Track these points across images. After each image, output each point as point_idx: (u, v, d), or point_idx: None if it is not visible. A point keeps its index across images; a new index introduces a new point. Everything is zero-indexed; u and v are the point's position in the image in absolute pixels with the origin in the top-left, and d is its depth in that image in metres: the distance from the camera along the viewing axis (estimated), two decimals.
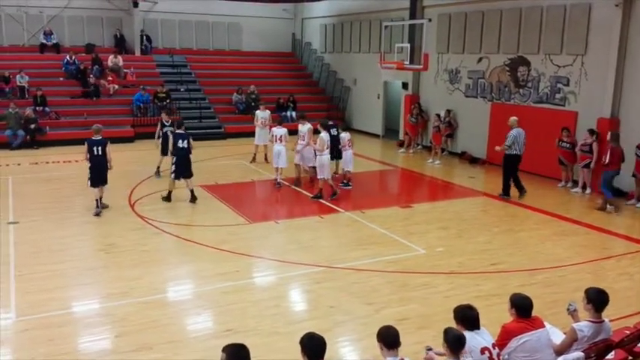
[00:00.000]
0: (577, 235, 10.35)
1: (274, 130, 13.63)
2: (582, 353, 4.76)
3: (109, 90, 20.96)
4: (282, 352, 5.91)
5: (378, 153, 18.98)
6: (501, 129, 13.20)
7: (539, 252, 9.36)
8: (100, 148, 10.84)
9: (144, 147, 16.64)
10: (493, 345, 4.52)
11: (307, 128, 13.11)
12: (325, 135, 12.31)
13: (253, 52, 25.75)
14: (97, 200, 10.96)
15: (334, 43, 24.24)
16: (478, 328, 4.56)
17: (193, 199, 11.80)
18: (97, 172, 10.90)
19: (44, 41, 22.03)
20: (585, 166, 12.93)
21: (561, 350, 4.88)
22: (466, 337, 4.32)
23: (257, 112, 16.45)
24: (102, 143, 10.88)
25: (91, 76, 20.80)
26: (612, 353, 5.00)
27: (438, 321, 6.37)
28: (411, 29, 17.64)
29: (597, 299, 4.98)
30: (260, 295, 7.65)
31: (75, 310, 7.06)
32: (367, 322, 6.58)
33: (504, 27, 15.96)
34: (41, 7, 22.23)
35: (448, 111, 17.81)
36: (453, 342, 4.22)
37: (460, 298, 6.71)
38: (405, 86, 19.79)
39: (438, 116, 17.37)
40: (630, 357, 5.15)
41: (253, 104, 20.75)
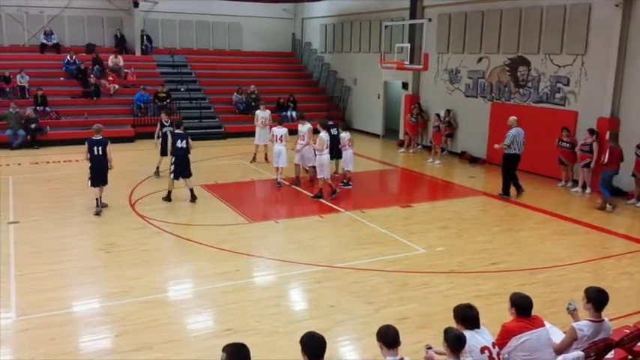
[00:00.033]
0: (577, 235, 10.36)
1: (274, 130, 13.64)
2: (582, 352, 4.76)
3: (110, 90, 20.98)
4: (282, 352, 5.92)
5: (378, 153, 18.98)
6: (501, 129, 13.20)
7: (539, 251, 9.37)
8: (101, 148, 10.86)
9: (144, 147, 16.65)
10: (493, 344, 4.53)
11: (307, 128, 13.12)
12: (325, 135, 12.32)
13: (253, 52, 25.77)
14: (97, 200, 10.99)
15: (334, 43, 24.25)
16: (478, 328, 4.57)
17: (193, 199, 11.82)
18: (97, 172, 10.92)
19: (45, 41, 22.05)
20: (585, 166, 12.93)
21: (561, 349, 4.89)
22: (466, 337, 4.32)
23: (257, 112, 16.46)
24: (102, 143, 10.90)
25: (92, 76, 20.81)
26: (612, 352, 5.00)
27: (438, 320, 6.39)
28: (411, 29, 17.66)
29: (597, 298, 4.99)
30: (260, 295, 7.66)
31: (75, 310, 7.07)
32: (367, 322, 6.58)
33: (504, 27, 15.96)
34: (41, 7, 22.25)
35: (448, 111, 17.82)
36: (454, 341, 4.23)
37: (460, 298, 6.72)
38: (405, 86, 19.80)
39: (438, 116, 17.38)
40: (630, 356, 5.15)
41: (253, 104, 20.76)
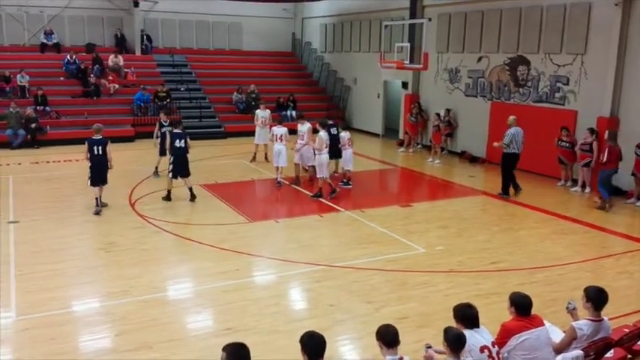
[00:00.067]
0: (576, 234, 10.37)
1: (274, 130, 13.64)
2: (581, 352, 4.76)
3: (110, 89, 20.97)
4: (282, 351, 5.92)
5: (378, 152, 18.98)
6: (501, 128, 13.20)
7: (538, 251, 9.37)
8: (100, 148, 10.88)
9: (144, 146, 16.64)
10: (493, 343, 4.52)
11: (306, 128, 13.11)
12: (324, 134, 12.32)
13: (253, 52, 25.77)
14: (97, 199, 11.00)
15: (334, 43, 24.25)
16: (478, 327, 4.57)
17: (192, 198, 11.83)
18: (97, 172, 10.94)
19: (45, 41, 22.04)
20: (585, 165, 12.93)
21: (561, 349, 4.89)
22: (466, 336, 4.33)
23: (257, 112, 16.47)
24: (102, 143, 10.91)
25: (92, 76, 20.81)
26: (611, 352, 5.00)
27: (438, 319, 6.41)
28: (411, 29, 17.67)
29: (597, 298, 4.99)
30: (260, 294, 7.66)
31: (75, 309, 7.07)
32: (367, 321, 6.58)
33: (504, 26, 15.96)
34: (42, 7, 22.25)
35: (448, 110, 17.81)
36: (454, 341, 4.23)
37: (460, 297, 6.71)
38: (405, 85, 19.79)
39: (438, 115, 17.37)
40: (629, 355, 5.15)
41: (253, 104, 20.75)
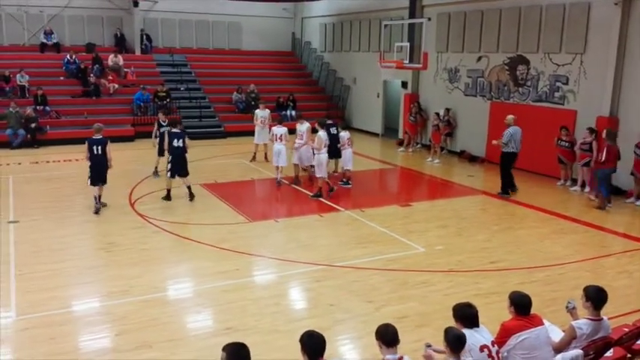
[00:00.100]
0: (576, 234, 10.37)
1: (274, 129, 13.64)
2: (581, 351, 4.77)
3: (110, 89, 20.97)
4: (282, 351, 5.93)
5: (378, 152, 18.99)
6: (500, 128, 13.18)
7: (538, 250, 9.38)
8: (100, 148, 10.90)
9: (144, 146, 16.63)
10: (492, 343, 4.53)
11: (306, 127, 13.12)
12: (323, 133, 12.32)
13: (253, 52, 25.77)
14: (95, 197, 11.02)
15: (334, 42, 24.25)
16: (477, 326, 4.57)
17: (191, 197, 11.85)
18: (97, 171, 10.97)
19: (44, 40, 22.03)
20: (585, 165, 12.93)
21: (560, 348, 4.89)
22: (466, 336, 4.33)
23: (256, 111, 16.47)
24: (102, 142, 10.93)
25: (92, 76, 20.80)
26: (611, 351, 4.99)
27: (437, 319, 6.42)
28: (411, 28, 17.66)
29: (596, 297, 4.99)
30: (260, 294, 7.67)
31: (75, 309, 7.07)
32: (367, 320, 6.59)
33: (504, 26, 15.96)
34: (41, 7, 22.24)
35: (447, 110, 17.82)
36: (454, 341, 4.23)
37: (459, 296, 6.71)
38: (405, 85, 19.79)
39: (438, 115, 17.38)
40: (629, 355, 5.15)
41: (253, 103, 20.74)
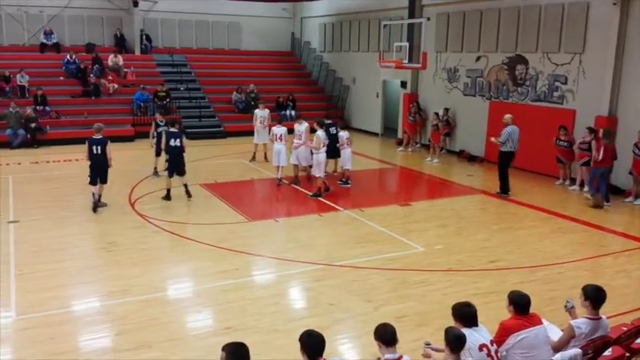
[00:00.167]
0: (575, 233, 10.39)
1: (274, 129, 13.65)
2: (580, 350, 4.78)
3: (109, 89, 20.98)
4: (281, 350, 5.94)
5: (377, 151, 19.00)
6: (499, 127, 13.19)
7: (537, 249, 9.39)
8: (100, 147, 10.93)
9: (144, 146, 16.61)
10: (491, 342, 4.54)
11: (304, 127, 13.11)
12: (322, 133, 12.34)
13: (253, 52, 25.78)
14: (94, 194, 11.07)
15: (333, 42, 24.26)
16: (476, 325, 4.58)
17: (188, 195, 11.88)
18: (96, 171, 11.01)
19: (44, 41, 22.04)
20: (584, 164, 12.95)
21: (559, 347, 4.90)
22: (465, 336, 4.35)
23: (256, 111, 16.49)
24: (101, 142, 10.96)
25: (91, 76, 20.81)
26: (609, 350, 5.01)
27: (436, 318, 6.45)
28: (410, 28, 17.67)
29: (595, 296, 5.00)
30: (259, 293, 7.68)
31: (75, 309, 7.08)
32: (366, 320, 6.60)
33: (503, 26, 15.98)
34: (41, 7, 22.25)
35: (446, 109, 17.83)
36: (454, 341, 4.25)
37: (458, 296, 6.71)
38: (404, 85, 19.81)
39: (437, 115, 17.40)
40: (627, 353, 5.17)
41: (253, 103, 20.74)
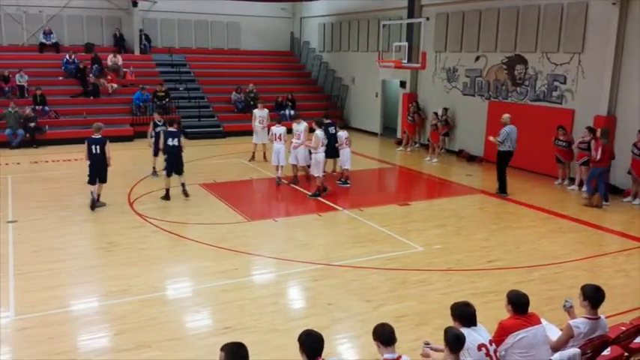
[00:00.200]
0: (573, 233, 10.40)
1: (274, 129, 13.65)
2: (578, 349, 4.78)
3: (109, 89, 20.98)
4: (280, 350, 5.95)
5: (376, 151, 19.01)
6: (498, 127, 13.20)
7: (535, 249, 9.40)
8: (99, 147, 10.95)
9: (143, 146, 16.61)
10: (490, 341, 4.55)
11: (303, 127, 13.12)
12: (320, 132, 12.34)
13: (252, 51, 25.78)
14: (92, 192, 11.10)
15: (332, 42, 24.26)
16: (475, 325, 4.59)
17: (185, 194, 11.90)
18: (95, 170, 11.04)
19: (44, 40, 22.04)
20: (583, 164, 12.96)
21: (557, 346, 4.90)
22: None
23: (255, 111, 16.50)
24: (101, 142, 10.98)
25: (91, 76, 20.81)
26: (608, 350, 5.00)
27: (435, 318, 6.46)
28: (409, 28, 17.68)
29: (593, 296, 5.00)
30: (258, 293, 7.69)
31: (74, 309, 7.09)
32: (365, 320, 6.60)
33: (502, 25, 15.99)
34: (40, 7, 22.25)
35: (445, 109, 17.82)
36: (453, 341, 4.25)
37: (457, 295, 6.73)
38: (403, 85, 19.82)
39: (436, 114, 17.40)
40: (626, 353, 5.17)
41: (252, 103, 20.73)
